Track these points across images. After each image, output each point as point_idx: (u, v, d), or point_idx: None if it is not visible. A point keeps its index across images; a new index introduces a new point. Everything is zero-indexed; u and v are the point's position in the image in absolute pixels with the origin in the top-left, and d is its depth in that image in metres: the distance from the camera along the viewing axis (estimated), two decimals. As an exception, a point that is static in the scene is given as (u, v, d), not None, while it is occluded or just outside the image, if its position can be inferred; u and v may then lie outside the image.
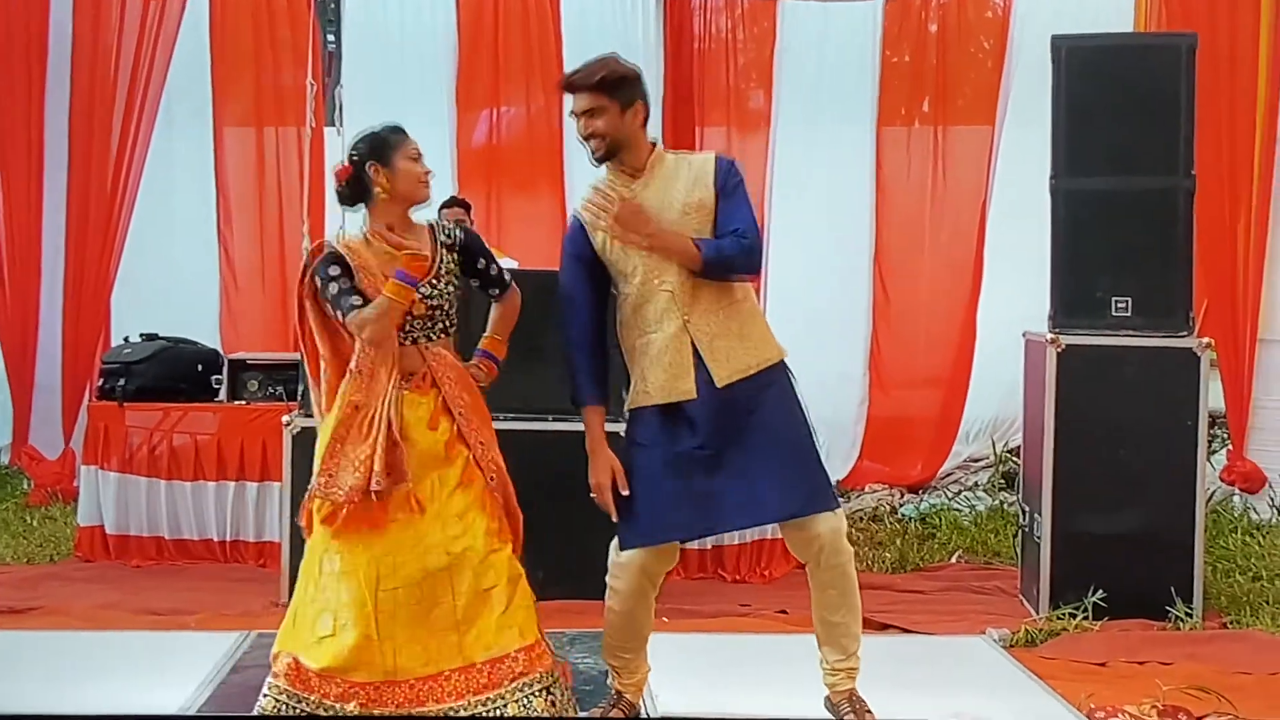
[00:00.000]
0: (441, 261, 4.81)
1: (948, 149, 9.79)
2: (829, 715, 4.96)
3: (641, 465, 4.84)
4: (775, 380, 4.83)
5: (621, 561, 4.88)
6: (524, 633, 4.72)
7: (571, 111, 4.85)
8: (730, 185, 4.84)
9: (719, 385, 4.74)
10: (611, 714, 5.05)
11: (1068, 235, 6.75)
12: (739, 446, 4.75)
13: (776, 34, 9.78)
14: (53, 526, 8.15)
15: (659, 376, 4.79)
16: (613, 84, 4.80)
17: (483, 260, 4.97)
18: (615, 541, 4.96)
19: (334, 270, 4.68)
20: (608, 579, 4.96)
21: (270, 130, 9.89)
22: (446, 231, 4.92)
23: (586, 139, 4.83)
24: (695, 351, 4.76)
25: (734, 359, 4.78)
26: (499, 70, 9.91)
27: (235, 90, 9.90)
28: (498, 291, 5.11)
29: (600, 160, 4.86)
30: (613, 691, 5.12)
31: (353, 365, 4.69)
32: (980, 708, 5.24)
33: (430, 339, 4.80)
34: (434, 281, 4.76)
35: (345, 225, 5.40)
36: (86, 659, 5.77)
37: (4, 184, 9.15)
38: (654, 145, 4.93)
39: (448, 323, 4.87)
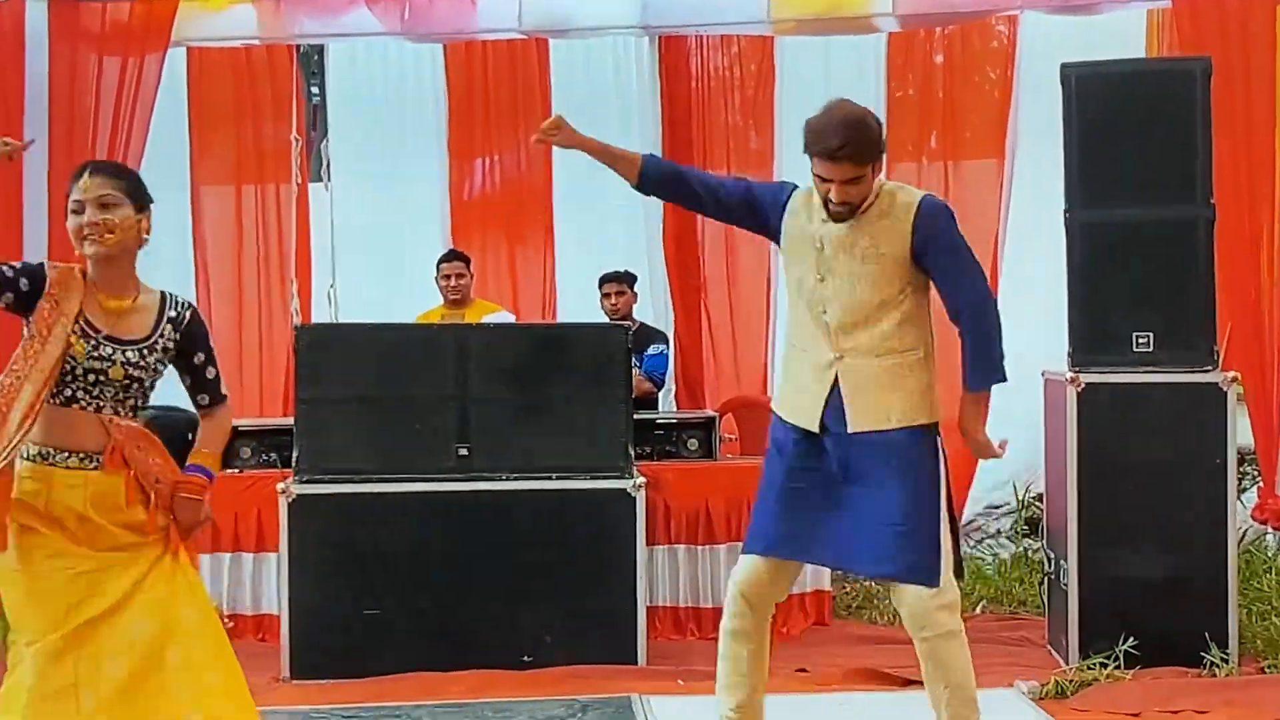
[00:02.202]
0: (160, 334, 4.49)
1: (958, 183, 9.85)
2: None
3: (767, 471, 4.94)
4: (915, 442, 4.85)
5: (734, 577, 4.99)
6: None
7: (819, 175, 4.79)
8: (941, 240, 4.88)
9: (850, 430, 4.80)
10: None
11: (1085, 269, 6.80)
12: (859, 489, 4.81)
13: (776, 71, 9.86)
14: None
15: (793, 397, 4.87)
16: (875, 155, 4.82)
17: (201, 356, 4.44)
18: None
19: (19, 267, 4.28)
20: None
21: (250, 188, 9.96)
22: (178, 307, 4.53)
23: (838, 203, 4.79)
24: (837, 389, 4.81)
25: (874, 410, 4.81)
26: (490, 120, 10.00)
27: (214, 147, 9.98)
28: (207, 400, 4.54)
29: (838, 220, 4.85)
30: None
31: None
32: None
33: (118, 413, 4.30)
34: (144, 351, 4.51)
35: (336, 284, 5.43)
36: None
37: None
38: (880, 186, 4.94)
39: (141, 401, 4.38)
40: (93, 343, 4.18)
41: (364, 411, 6.89)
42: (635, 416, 7.24)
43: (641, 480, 6.90)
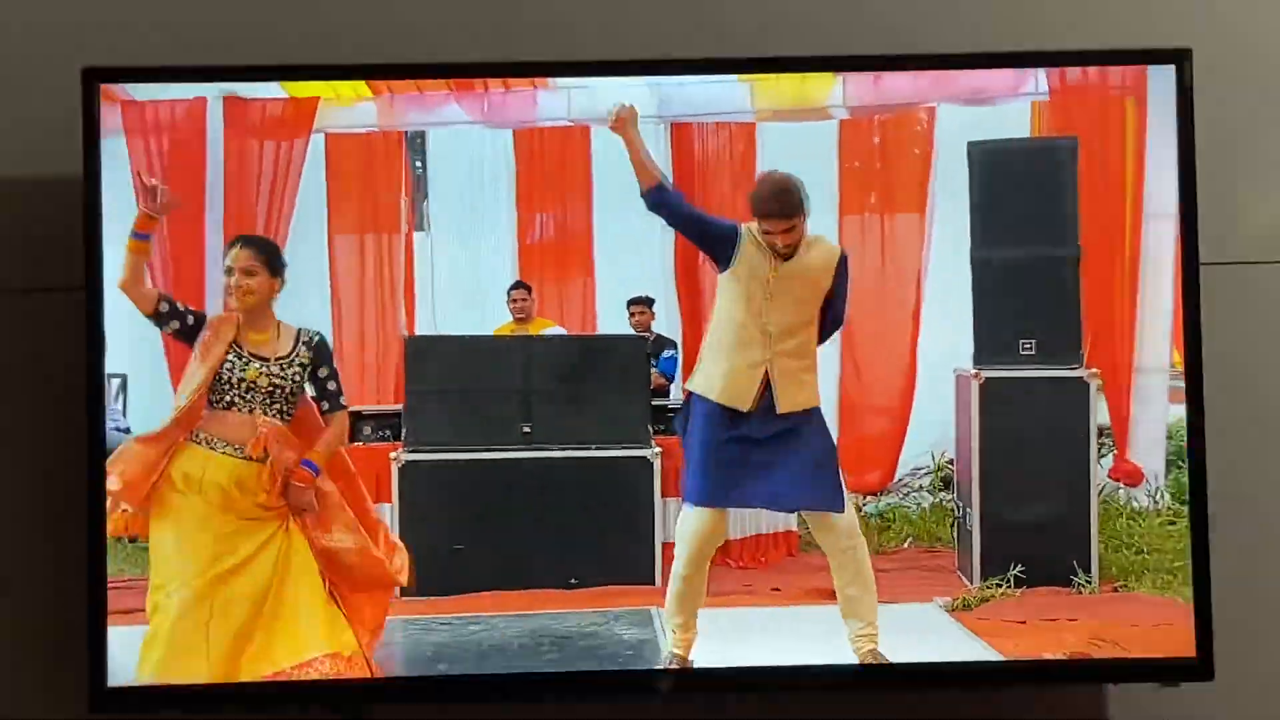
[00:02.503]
0: (297, 353, 4.56)
1: (890, 231, 9.80)
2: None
3: (701, 434, 4.91)
4: (814, 415, 5.17)
5: (684, 530, 4.94)
6: None
7: (766, 231, 4.85)
8: (846, 283, 5.36)
9: (779, 411, 4.83)
10: (670, 666, 5.09)
11: (984, 293, 6.81)
12: (778, 447, 4.85)
13: (757, 151, 9.84)
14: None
15: (727, 385, 4.84)
16: (802, 203, 4.89)
17: (325, 370, 4.64)
18: (680, 516, 5.01)
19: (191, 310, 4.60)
20: (675, 549, 4.94)
21: (370, 236, 9.97)
22: (310, 334, 4.64)
23: (784, 248, 4.87)
24: (767, 379, 4.86)
25: (796, 398, 4.86)
26: (548, 185, 10.00)
27: (344, 209, 9.99)
28: (326, 406, 4.68)
29: (785, 260, 4.90)
30: (668, 652, 5.17)
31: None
32: (933, 657, 5.25)
33: (270, 412, 4.56)
34: (284, 364, 4.54)
35: (435, 307, 5.41)
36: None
37: (176, 291, 9.20)
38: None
39: (286, 408, 4.58)
40: (244, 359, 4.32)
41: (454, 399, 6.92)
42: (652, 403, 7.25)
43: (658, 450, 6.91)
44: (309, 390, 4.53)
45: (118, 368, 9.30)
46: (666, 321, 10.77)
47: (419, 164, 11.07)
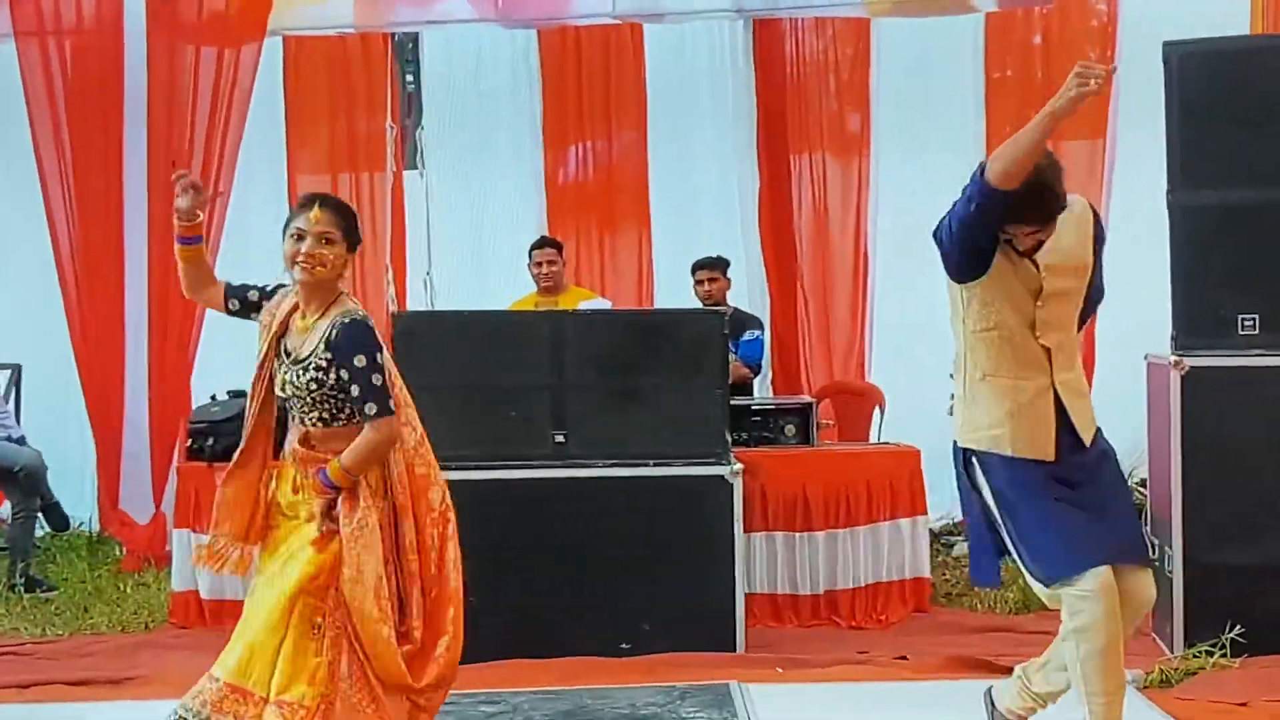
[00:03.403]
0: (315, 353, 4.70)
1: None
2: None
3: (1029, 497, 4.85)
4: (1103, 438, 4.97)
5: (1086, 588, 4.80)
6: None
7: (1028, 232, 4.77)
8: (1102, 241, 5.11)
9: (1087, 444, 4.84)
10: None
11: (1187, 251, 6.72)
12: (1094, 487, 4.84)
13: (872, 54, 9.83)
14: (147, 593, 8.31)
15: (1024, 431, 4.84)
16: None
17: (344, 373, 4.63)
18: (1048, 584, 4.89)
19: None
20: (1075, 624, 4.82)
21: (345, 176, 10.05)
22: (338, 326, 4.72)
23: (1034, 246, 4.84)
24: (1060, 409, 4.84)
25: (1089, 417, 4.91)
26: (584, 106, 10.03)
27: (310, 138, 10.09)
28: (356, 418, 4.72)
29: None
30: None
31: None
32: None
33: (303, 422, 4.74)
34: (300, 370, 4.72)
35: (432, 271, 5.47)
36: (186, 728, 5.89)
37: (85, 245, 9.38)
38: None
39: (313, 412, 4.71)
40: (281, 360, 4.55)
41: (459, 398, 6.91)
42: (731, 402, 7.24)
43: (739, 466, 6.91)
44: None
45: (6, 355, 9.49)
46: (748, 291, 10.74)
47: (410, 79, 11.07)
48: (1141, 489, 8.46)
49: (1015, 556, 4.90)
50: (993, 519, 4.92)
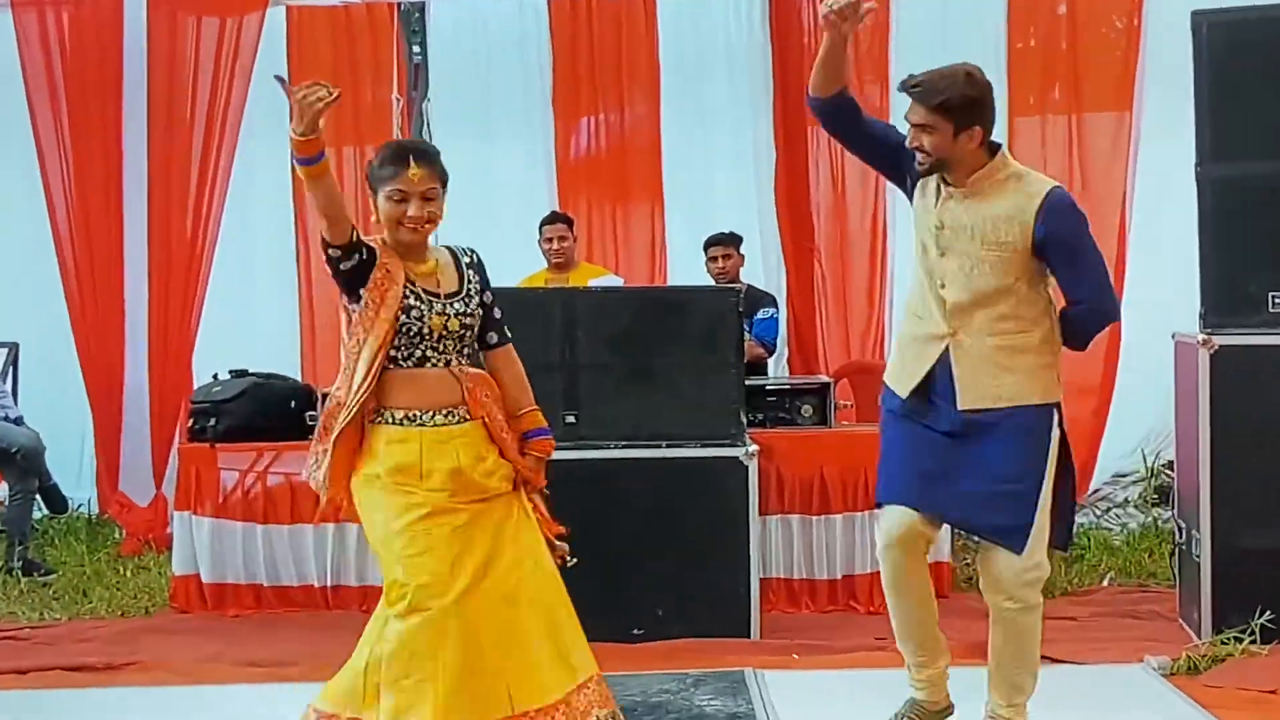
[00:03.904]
0: (468, 281, 4.75)
1: (1083, 138, 9.74)
2: None
3: (887, 429, 5.08)
4: (1025, 416, 4.92)
5: (881, 521, 5.00)
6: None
7: (905, 116, 4.88)
8: (1066, 235, 4.90)
9: (959, 409, 4.89)
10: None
11: (1217, 226, 6.67)
12: (971, 453, 4.84)
13: (891, 25, 9.78)
14: (147, 577, 8.32)
15: (901, 367, 5.03)
16: (952, 107, 4.82)
17: (489, 295, 4.80)
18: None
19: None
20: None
21: (350, 149, 10.03)
22: (469, 253, 4.80)
23: (913, 149, 4.86)
24: (948, 363, 4.85)
25: (983, 391, 4.90)
26: (595, 77, 10.00)
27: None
28: (496, 339, 4.84)
29: (923, 174, 4.92)
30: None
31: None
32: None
33: (463, 359, 4.73)
34: (466, 299, 4.74)
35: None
36: (188, 715, 5.92)
37: (83, 217, 9.37)
38: (991, 158, 4.94)
39: (470, 350, 4.78)
40: (426, 301, 4.47)
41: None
42: (746, 382, 7.23)
43: (754, 448, 6.89)
44: None
45: (3, 334, 9.49)
46: (763, 268, 10.72)
47: (416, 49, 11.05)
48: (1169, 471, 8.47)
49: None
50: None
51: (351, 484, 4.68)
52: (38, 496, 8.83)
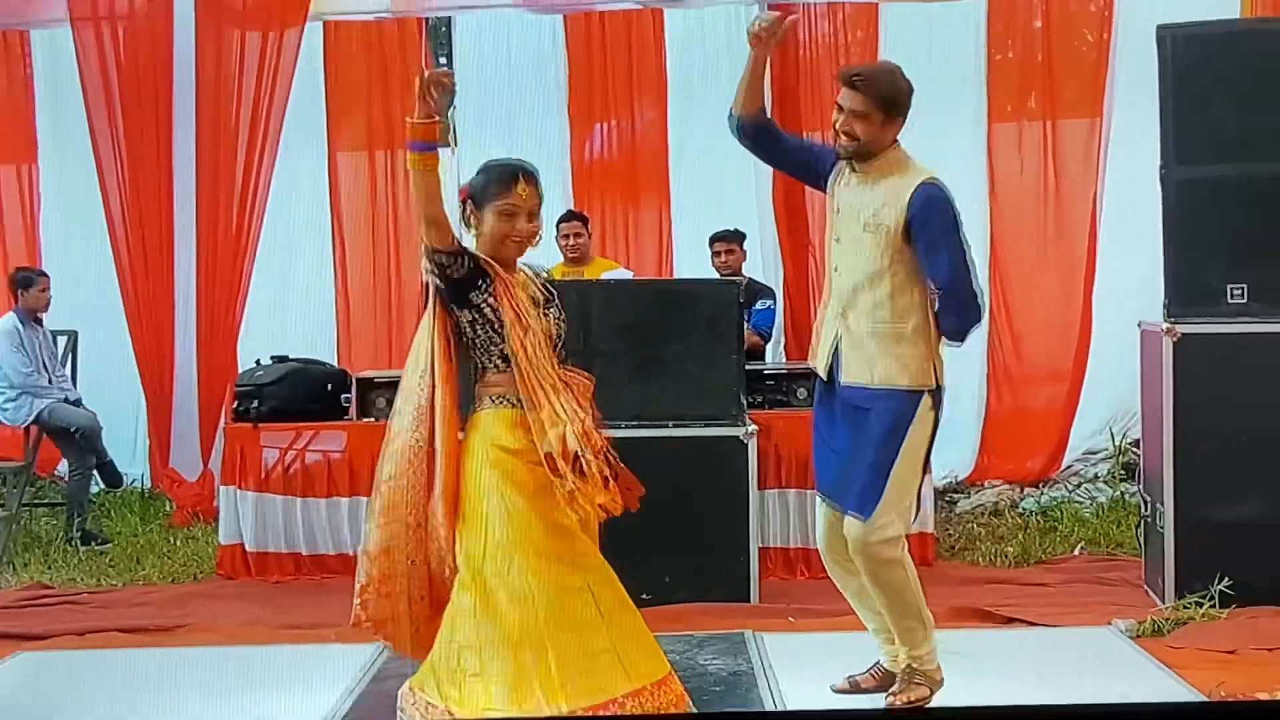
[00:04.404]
0: (544, 292, 4.71)
1: (1057, 142, 9.73)
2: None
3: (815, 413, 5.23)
4: (890, 399, 4.94)
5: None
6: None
7: (837, 101, 4.87)
8: (931, 221, 4.89)
9: (842, 381, 4.86)
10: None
11: (1180, 224, 6.66)
12: (850, 430, 4.93)
13: (880, 37, 9.76)
14: (195, 546, 8.33)
15: (815, 349, 5.13)
16: (889, 99, 4.84)
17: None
18: None
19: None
20: None
21: (381, 153, 10.04)
22: (533, 270, 4.77)
23: (841, 133, 4.86)
24: (840, 345, 4.89)
25: (860, 368, 4.95)
26: (608, 87, 10.01)
27: (348, 117, 10.09)
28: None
29: (842, 158, 4.97)
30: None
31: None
32: (1110, 697, 5.21)
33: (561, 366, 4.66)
34: (552, 312, 4.66)
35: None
36: (234, 673, 5.93)
37: (137, 216, 9.37)
38: (893, 144, 4.98)
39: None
40: (536, 318, 4.54)
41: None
42: (746, 368, 7.22)
43: (753, 427, 6.89)
44: None
45: (64, 323, 9.51)
46: (762, 262, 10.71)
47: (443, 60, 11.07)
48: (1135, 449, 8.46)
49: None
50: None
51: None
52: (95, 472, 8.86)
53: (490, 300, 4.48)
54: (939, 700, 5.08)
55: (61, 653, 6.37)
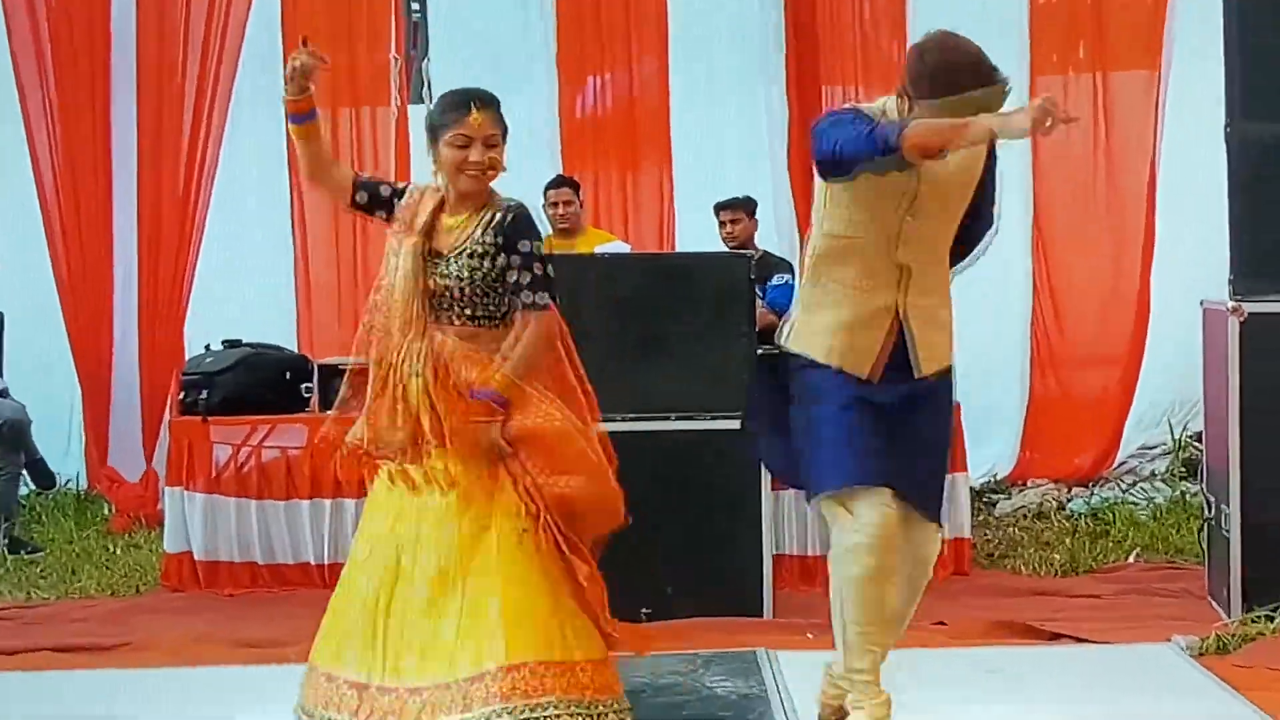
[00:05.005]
0: (472, 240, 4.76)
1: (1109, 97, 9.73)
2: None
3: (833, 405, 4.84)
4: (948, 381, 4.96)
5: (863, 507, 4.78)
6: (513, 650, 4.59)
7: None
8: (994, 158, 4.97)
9: (917, 376, 4.80)
10: None
11: (1247, 188, 6.65)
12: (910, 427, 4.81)
13: (907, -11, 9.76)
14: (137, 555, 8.35)
15: (849, 349, 4.84)
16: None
17: (509, 258, 4.69)
18: (841, 506, 4.85)
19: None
20: (845, 543, 4.82)
21: (346, 111, 10.03)
22: (501, 211, 4.76)
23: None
24: (900, 334, 4.80)
25: (933, 350, 4.88)
26: (602, 34, 9.99)
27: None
28: (518, 304, 4.75)
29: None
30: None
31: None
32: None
33: (439, 321, 4.73)
34: (450, 258, 4.72)
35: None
36: (181, 696, 5.94)
37: (72, 190, 9.38)
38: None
39: (466, 310, 4.74)
40: (432, 262, 4.69)
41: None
42: (759, 351, 7.22)
43: (767, 420, 6.89)
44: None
45: (-13, 302, 9.52)
46: (776, 233, 10.69)
47: (415, 6, 10.99)
48: (1197, 444, 8.46)
49: (801, 463, 4.91)
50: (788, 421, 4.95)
51: None
52: (24, 472, 8.86)
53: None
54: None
55: (-12, 674, 6.37)
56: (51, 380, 9.62)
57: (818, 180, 4.88)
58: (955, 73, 4.60)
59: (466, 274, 4.68)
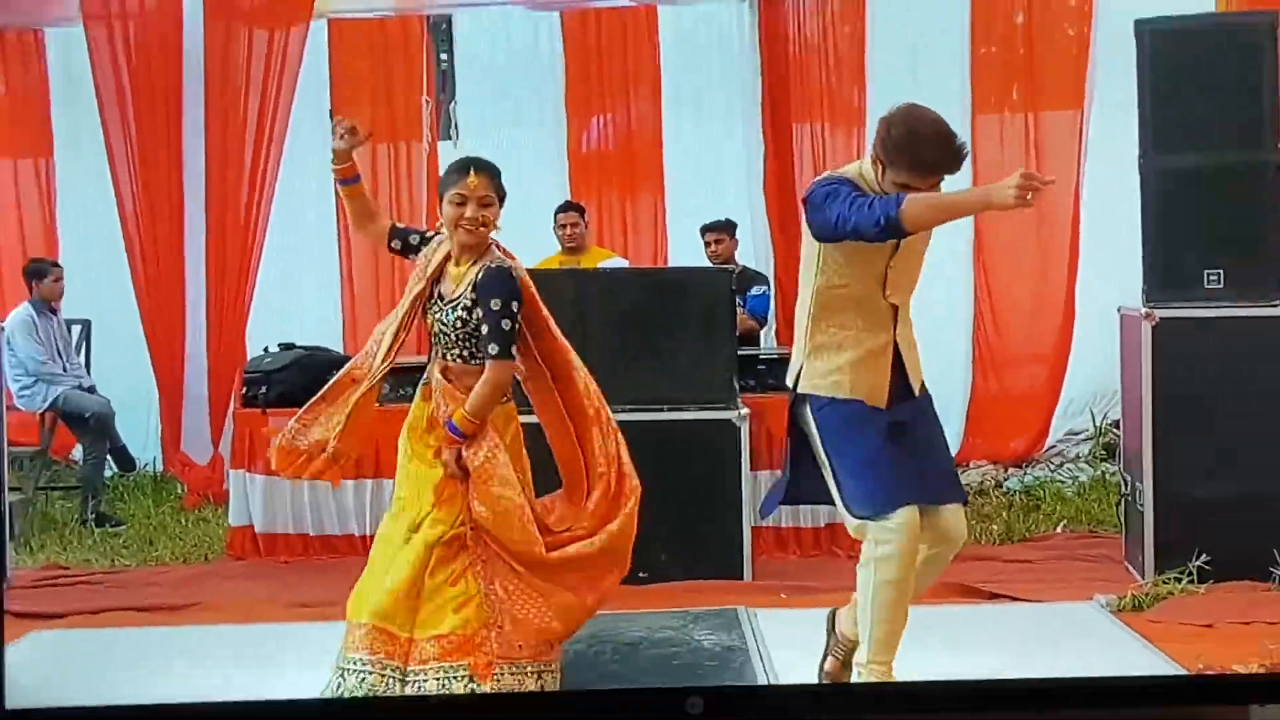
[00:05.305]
0: (462, 293, 4.82)
1: (1040, 133, 9.72)
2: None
3: (857, 439, 4.73)
4: (926, 390, 4.90)
5: (895, 523, 4.68)
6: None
7: (905, 184, 4.63)
8: None
9: (915, 394, 4.78)
10: None
11: (1157, 212, 6.68)
12: (920, 439, 4.77)
13: (867, 33, 9.74)
14: (206, 528, 8.32)
15: (857, 381, 4.74)
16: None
17: (480, 312, 4.75)
18: (860, 520, 4.76)
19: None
20: (876, 554, 4.71)
21: (384, 147, 10.01)
22: (486, 269, 4.77)
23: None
24: (897, 359, 4.77)
25: (919, 368, 4.85)
26: (604, 81, 9.99)
27: (353, 112, 10.01)
28: (482, 353, 4.80)
29: None
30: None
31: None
32: (1092, 670, 5.21)
33: (446, 359, 4.88)
34: (447, 308, 4.84)
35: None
36: (244, 650, 5.94)
37: (148, 207, 9.35)
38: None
39: (454, 349, 4.86)
40: (433, 305, 4.87)
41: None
42: (739, 352, 7.22)
43: (746, 411, 6.89)
44: None
45: (78, 312, 9.49)
46: (754, 250, 10.71)
47: (444, 56, 11.04)
48: (1115, 430, 8.45)
49: (834, 491, 4.79)
50: (815, 459, 4.83)
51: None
52: (109, 457, 8.85)
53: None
54: (924, 673, 5.07)
55: (76, 631, 6.37)
56: (132, 378, 9.59)
57: (807, 241, 4.82)
58: (920, 144, 4.61)
59: (459, 324, 4.79)
